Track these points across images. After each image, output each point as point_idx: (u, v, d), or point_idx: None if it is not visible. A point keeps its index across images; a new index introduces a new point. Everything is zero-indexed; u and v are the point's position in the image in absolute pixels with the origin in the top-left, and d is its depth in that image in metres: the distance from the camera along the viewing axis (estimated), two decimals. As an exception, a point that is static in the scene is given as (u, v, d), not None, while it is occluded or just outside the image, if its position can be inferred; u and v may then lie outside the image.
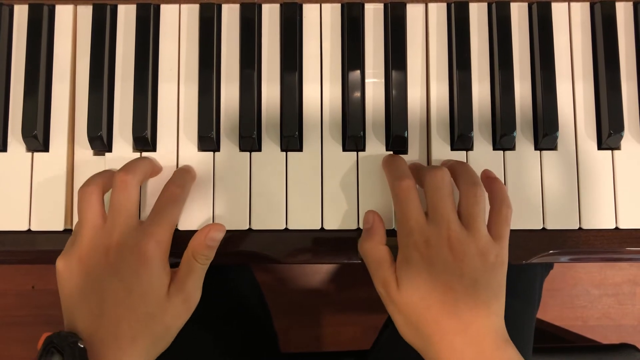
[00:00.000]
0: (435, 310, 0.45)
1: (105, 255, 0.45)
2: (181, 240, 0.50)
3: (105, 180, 0.48)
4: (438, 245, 0.46)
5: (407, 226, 0.47)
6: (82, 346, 0.42)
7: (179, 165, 0.53)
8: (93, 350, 0.44)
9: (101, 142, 0.52)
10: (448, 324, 0.45)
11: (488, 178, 0.51)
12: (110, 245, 0.45)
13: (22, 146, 0.53)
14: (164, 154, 0.53)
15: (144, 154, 0.53)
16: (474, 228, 0.47)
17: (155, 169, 0.52)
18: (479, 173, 0.52)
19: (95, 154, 0.54)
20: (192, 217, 0.52)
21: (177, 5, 0.55)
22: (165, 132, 0.53)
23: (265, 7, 0.55)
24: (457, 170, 0.49)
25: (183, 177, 0.50)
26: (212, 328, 0.67)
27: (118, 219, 0.46)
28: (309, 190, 0.53)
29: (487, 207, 0.50)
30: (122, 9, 0.55)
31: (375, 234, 0.50)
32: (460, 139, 0.52)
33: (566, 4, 0.55)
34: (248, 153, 0.53)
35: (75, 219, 0.52)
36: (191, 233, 0.52)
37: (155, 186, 0.52)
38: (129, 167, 0.48)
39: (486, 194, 0.49)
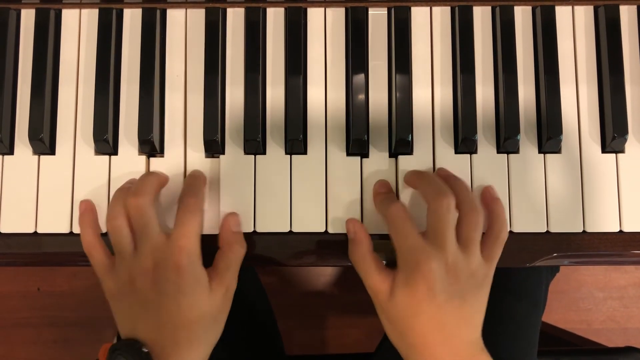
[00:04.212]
0: (423, 324, 0.47)
1: (146, 277, 0.48)
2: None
3: (124, 204, 0.50)
4: (438, 269, 0.46)
5: (406, 246, 0.47)
6: (146, 350, 0.46)
7: (186, 169, 0.53)
8: (156, 355, 0.47)
9: (107, 145, 0.52)
10: (433, 337, 0.47)
11: (491, 197, 0.52)
12: (147, 267, 0.48)
13: (28, 149, 0.53)
14: (170, 157, 0.54)
15: (151, 158, 0.54)
16: (471, 252, 0.48)
17: (163, 181, 0.52)
18: (482, 176, 0.53)
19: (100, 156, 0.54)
20: (197, 220, 0.53)
21: (183, 10, 0.55)
22: (170, 135, 0.54)
23: (270, 11, 0.55)
24: (457, 192, 0.49)
25: (194, 184, 0.51)
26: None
27: (145, 242, 0.48)
28: (313, 193, 0.53)
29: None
30: (128, 13, 0.55)
31: (360, 243, 0.50)
32: (465, 142, 0.52)
33: (570, 7, 0.55)
34: (253, 156, 0.53)
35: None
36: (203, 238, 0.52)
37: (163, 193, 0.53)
38: (138, 190, 0.49)
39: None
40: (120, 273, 0.49)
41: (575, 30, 0.55)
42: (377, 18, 0.55)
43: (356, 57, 0.54)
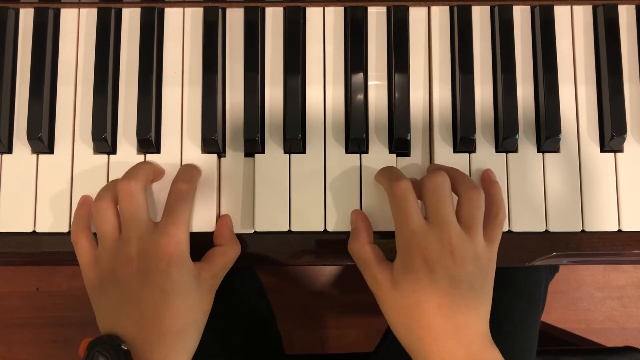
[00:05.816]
0: (430, 313, 0.45)
1: (130, 265, 0.46)
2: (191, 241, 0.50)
3: (115, 190, 0.49)
4: (440, 251, 0.45)
5: (407, 230, 0.46)
6: (125, 348, 0.44)
7: (183, 167, 0.53)
8: (137, 351, 0.45)
9: (106, 145, 0.52)
10: (442, 327, 0.45)
11: (490, 180, 0.52)
12: (132, 254, 0.46)
13: (27, 148, 0.53)
14: (168, 156, 0.54)
15: (148, 156, 0.54)
16: (474, 232, 0.47)
17: (157, 173, 0.52)
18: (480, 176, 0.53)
19: (99, 155, 0.54)
20: (196, 220, 0.52)
21: (181, 9, 0.55)
22: (169, 134, 0.54)
23: (269, 11, 0.55)
24: (453, 176, 0.49)
25: (188, 172, 0.51)
26: (216, 330, 0.67)
27: (132, 228, 0.47)
28: (312, 192, 0.53)
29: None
30: (126, 12, 0.55)
31: (360, 233, 0.50)
32: (463, 141, 0.52)
33: (569, 6, 0.55)
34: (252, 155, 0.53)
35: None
36: (198, 235, 0.52)
37: (159, 187, 0.53)
38: (130, 174, 0.49)
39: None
40: (102, 262, 0.48)
41: (574, 29, 0.55)
42: (376, 17, 0.55)
43: (355, 56, 0.54)
